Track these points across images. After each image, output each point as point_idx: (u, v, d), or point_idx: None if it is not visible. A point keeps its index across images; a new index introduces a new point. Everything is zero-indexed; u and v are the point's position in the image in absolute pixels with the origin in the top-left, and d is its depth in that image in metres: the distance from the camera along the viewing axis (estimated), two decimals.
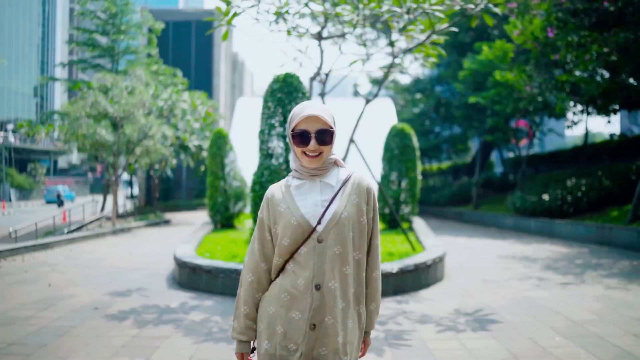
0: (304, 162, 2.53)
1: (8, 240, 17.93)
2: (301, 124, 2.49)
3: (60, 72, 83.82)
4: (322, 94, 11.52)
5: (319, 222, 2.48)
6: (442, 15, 8.75)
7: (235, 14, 9.61)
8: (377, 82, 39.91)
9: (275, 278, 2.56)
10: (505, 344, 6.22)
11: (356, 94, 47.02)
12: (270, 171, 10.33)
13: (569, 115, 23.36)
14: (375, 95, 11.88)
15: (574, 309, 7.91)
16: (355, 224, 2.53)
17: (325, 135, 2.49)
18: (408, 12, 8.95)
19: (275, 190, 2.62)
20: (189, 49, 50.35)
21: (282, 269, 2.54)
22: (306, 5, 10.21)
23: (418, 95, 37.27)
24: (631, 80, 17.26)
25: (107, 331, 6.74)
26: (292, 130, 2.52)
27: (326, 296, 2.45)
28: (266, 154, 10.48)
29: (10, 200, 55.99)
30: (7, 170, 59.82)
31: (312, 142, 2.47)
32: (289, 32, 10.49)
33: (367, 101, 11.77)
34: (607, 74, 17.77)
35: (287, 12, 10.21)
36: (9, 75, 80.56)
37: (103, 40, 39.32)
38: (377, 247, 2.66)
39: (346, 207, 2.51)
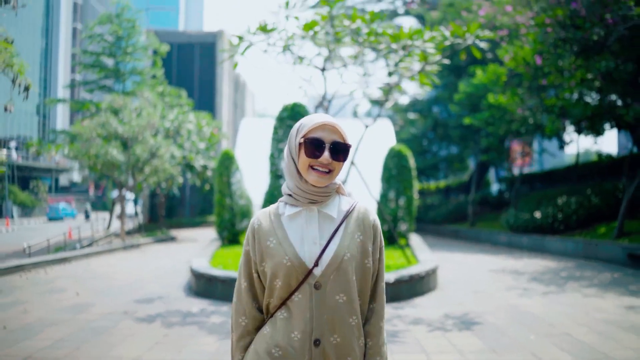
0: (310, 179, 2.16)
1: (22, 256, 18.84)
2: (314, 131, 2.18)
3: (62, 92, 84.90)
4: None
5: (316, 264, 2.13)
6: (433, 51, 9.79)
7: (247, 47, 10.64)
8: (377, 103, 40.99)
9: (264, 324, 2.25)
10: (487, 340, 7.19)
11: (355, 114, 48.09)
12: (279, 191, 11.33)
13: (562, 135, 24.43)
14: (376, 118, 12.89)
15: (551, 313, 8.88)
16: (359, 267, 2.19)
17: (341, 149, 2.18)
18: (404, 48, 9.97)
19: (263, 219, 2.28)
20: (193, 70, 51.53)
21: (272, 315, 2.22)
22: (312, 39, 11.25)
23: (415, 116, 38.30)
24: (619, 102, 18.27)
25: (139, 331, 7.71)
26: (303, 138, 2.19)
27: (328, 354, 2.13)
28: (276, 176, 11.50)
29: (12, 217, 56.77)
30: (9, 187, 60.69)
31: (326, 154, 2.15)
32: (300, 60, 11.51)
33: (367, 126, 12.79)
34: (595, 96, 18.84)
35: (292, 44, 11.25)
36: (10, 93, 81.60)
37: (109, 61, 40.37)
38: (383, 291, 2.32)
39: (349, 247, 2.18)
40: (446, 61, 11.40)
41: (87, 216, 49.22)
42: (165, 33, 51.61)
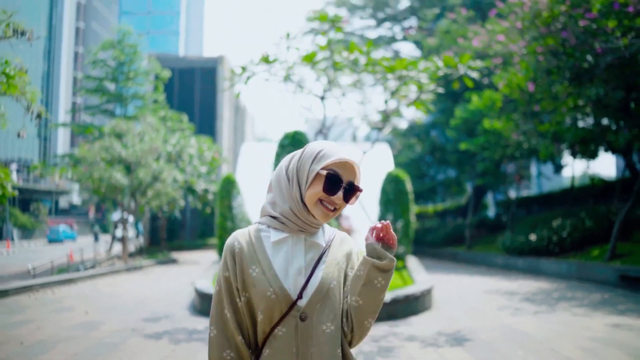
0: (317, 213, 2.09)
1: (27, 277, 19.24)
2: (334, 166, 2.08)
3: (63, 114, 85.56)
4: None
5: (300, 296, 2.05)
6: (427, 81, 10.32)
7: (249, 77, 11.18)
8: (376, 127, 41.45)
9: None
10: (477, 355, 7.63)
11: (354, 139, 48.68)
12: None
13: (557, 159, 24.95)
14: (374, 142, 13.40)
15: (540, 331, 9.31)
16: (342, 294, 2.16)
17: (354, 192, 2.11)
18: (399, 78, 10.51)
19: (243, 242, 2.14)
20: (194, 94, 52.23)
21: (256, 352, 2.13)
22: (312, 68, 11.79)
23: (413, 140, 38.85)
24: (613, 126, 18.78)
25: (148, 347, 8.15)
26: (324, 169, 2.07)
27: None
28: None
29: (13, 239, 57.06)
30: (10, 209, 61.02)
31: (340, 193, 2.07)
32: (300, 88, 12.06)
33: (364, 152, 13.30)
34: (588, 121, 19.38)
35: (293, 73, 11.80)
36: (11, 116, 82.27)
37: (111, 86, 40.99)
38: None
39: (335, 274, 2.13)
40: (440, 90, 11.94)
41: (96, 238, 49.83)
42: (166, 58, 52.39)
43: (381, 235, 2.08)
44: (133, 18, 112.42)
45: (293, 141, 11.81)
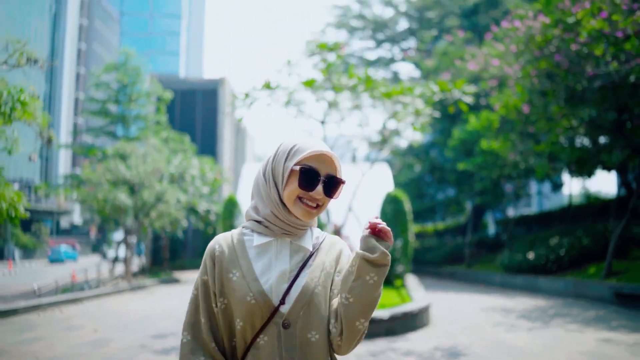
0: (297, 212, 2.01)
1: (32, 296, 19.58)
2: (309, 160, 2.01)
3: (65, 136, 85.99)
4: None
5: (282, 301, 1.97)
6: (423, 105, 10.78)
7: (252, 103, 11.64)
8: (376, 145, 41.94)
9: None
10: None
11: (354, 159, 49.16)
12: None
13: (554, 178, 25.39)
14: (373, 163, 13.85)
15: (533, 345, 9.69)
16: (329, 300, 2.06)
17: (335, 185, 2.03)
18: (397, 104, 10.97)
19: (224, 245, 2.08)
20: (195, 116, 52.81)
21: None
22: (313, 93, 12.26)
23: (412, 159, 39.29)
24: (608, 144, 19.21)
25: None
26: (298, 164, 2.00)
27: None
28: None
29: (14, 259, 57.20)
30: (12, 229, 61.27)
31: (319, 188, 1.99)
32: (300, 113, 12.52)
33: (363, 174, 13.74)
34: (584, 139, 19.85)
35: (294, 99, 12.26)
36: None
37: (114, 108, 41.47)
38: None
39: (320, 279, 2.04)
40: (437, 114, 12.40)
41: (104, 257, 50.23)
42: (168, 80, 53.03)
43: (377, 228, 1.94)
44: (134, 39, 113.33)
45: None
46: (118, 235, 46.12)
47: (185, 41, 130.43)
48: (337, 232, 14.11)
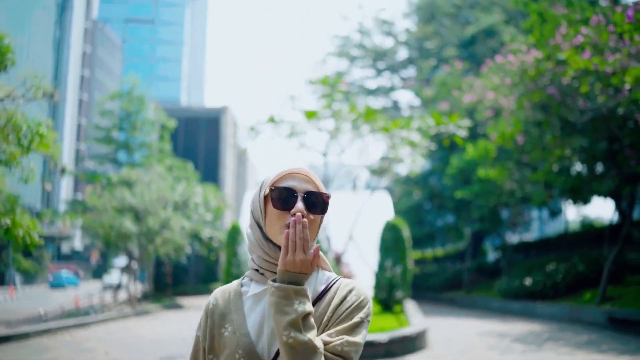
0: (283, 240, 1.75)
1: (38, 321, 20.01)
2: (282, 181, 1.87)
3: (67, 162, 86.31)
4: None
5: None
6: (419, 139, 11.37)
7: (257, 135, 12.24)
8: (376, 173, 42.41)
9: None
10: None
11: (354, 187, 49.67)
12: None
13: (551, 205, 25.91)
14: (373, 190, 14.42)
15: None
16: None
17: (317, 199, 1.85)
18: (394, 138, 11.57)
19: (220, 298, 1.95)
20: (198, 143, 53.50)
21: None
22: (314, 123, 12.85)
23: (412, 187, 39.78)
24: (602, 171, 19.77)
25: None
26: (270, 187, 1.86)
27: None
28: None
29: (15, 284, 57.25)
30: (14, 255, 61.42)
31: (299, 203, 1.80)
32: (302, 146, 13.11)
33: (363, 204, 14.31)
34: (579, 166, 20.43)
35: (296, 131, 12.86)
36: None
37: (118, 135, 42.04)
38: None
39: (321, 335, 1.75)
40: (433, 147, 12.99)
41: (104, 287, 49.83)
42: (171, 108, 53.84)
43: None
44: (136, 65, 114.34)
45: None
46: (119, 260, 46.48)
47: (187, 68, 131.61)
48: (338, 259, 14.63)
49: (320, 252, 1.84)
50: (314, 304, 1.81)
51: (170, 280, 37.38)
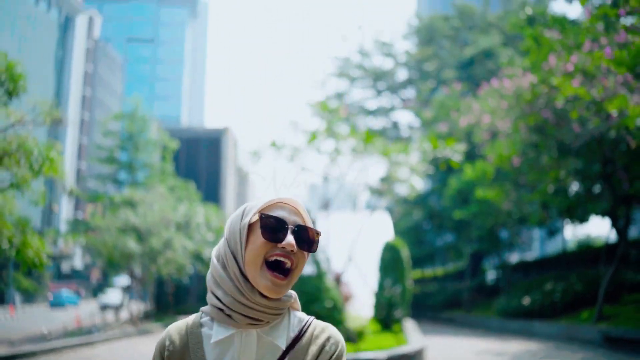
0: (262, 283, 1.55)
1: (42, 340, 20.24)
2: (270, 210, 1.63)
3: (68, 181, 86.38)
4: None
5: None
6: (416, 163, 11.76)
7: (259, 159, 12.63)
8: (376, 192, 42.63)
9: None
10: None
11: (354, 207, 49.86)
12: None
13: (548, 224, 26.23)
14: (373, 210, 14.78)
15: None
16: None
17: (307, 235, 1.63)
18: (391, 164, 11.96)
19: (177, 339, 1.67)
20: (199, 164, 53.94)
21: None
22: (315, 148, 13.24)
23: (412, 207, 40.07)
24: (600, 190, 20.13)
25: None
26: (258, 214, 1.62)
27: None
28: None
29: (15, 304, 57.16)
30: (13, 274, 61.35)
31: (290, 236, 1.58)
32: (304, 169, 13.50)
33: (360, 229, 14.68)
34: (577, 185, 20.79)
35: (298, 155, 13.25)
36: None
37: (121, 155, 42.38)
38: None
39: None
40: (430, 171, 13.38)
41: (102, 308, 49.48)
42: (173, 128, 54.40)
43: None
44: (137, 83, 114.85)
45: None
46: (120, 280, 46.59)
47: (187, 87, 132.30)
48: (338, 279, 14.94)
49: (292, 291, 1.67)
50: (288, 349, 1.60)
51: (172, 299, 37.60)
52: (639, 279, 20.44)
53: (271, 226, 1.57)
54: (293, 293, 1.66)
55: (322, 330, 1.67)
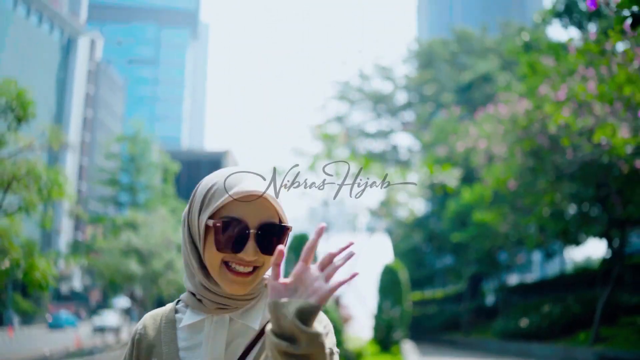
0: (223, 283, 1.46)
1: None
2: (231, 208, 1.44)
3: (69, 203, 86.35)
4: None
5: None
6: (413, 188, 12.09)
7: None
8: (375, 214, 42.89)
9: None
10: None
11: (354, 228, 50.04)
12: None
13: (545, 247, 26.48)
14: (372, 232, 15.08)
15: None
16: None
17: (274, 235, 1.45)
18: (388, 185, 12.30)
19: (150, 325, 1.61)
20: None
21: None
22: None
23: (412, 229, 40.26)
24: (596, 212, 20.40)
25: None
26: (214, 217, 1.45)
27: None
28: None
29: (13, 325, 56.90)
30: (12, 295, 61.19)
31: (251, 246, 1.42)
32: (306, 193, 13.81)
33: (356, 254, 14.96)
34: (573, 208, 21.05)
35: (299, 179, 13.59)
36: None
37: (123, 177, 42.64)
38: None
39: None
40: (427, 195, 13.71)
41: (96, 329, 49.05)
42: (174, 151, 54.80)
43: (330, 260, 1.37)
44: (137, 105, 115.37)
45: (298, 244, 13.34)
46: (119, 301, 46.62)
47: (187, 108, 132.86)
48: (337, 301, 15.20)
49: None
50: (263, 331, 1.50)
51: None
52: (634, 300, 20.62)
53: (228, 234, 1.42)
54: (266, 275, 1.50)
55: None
